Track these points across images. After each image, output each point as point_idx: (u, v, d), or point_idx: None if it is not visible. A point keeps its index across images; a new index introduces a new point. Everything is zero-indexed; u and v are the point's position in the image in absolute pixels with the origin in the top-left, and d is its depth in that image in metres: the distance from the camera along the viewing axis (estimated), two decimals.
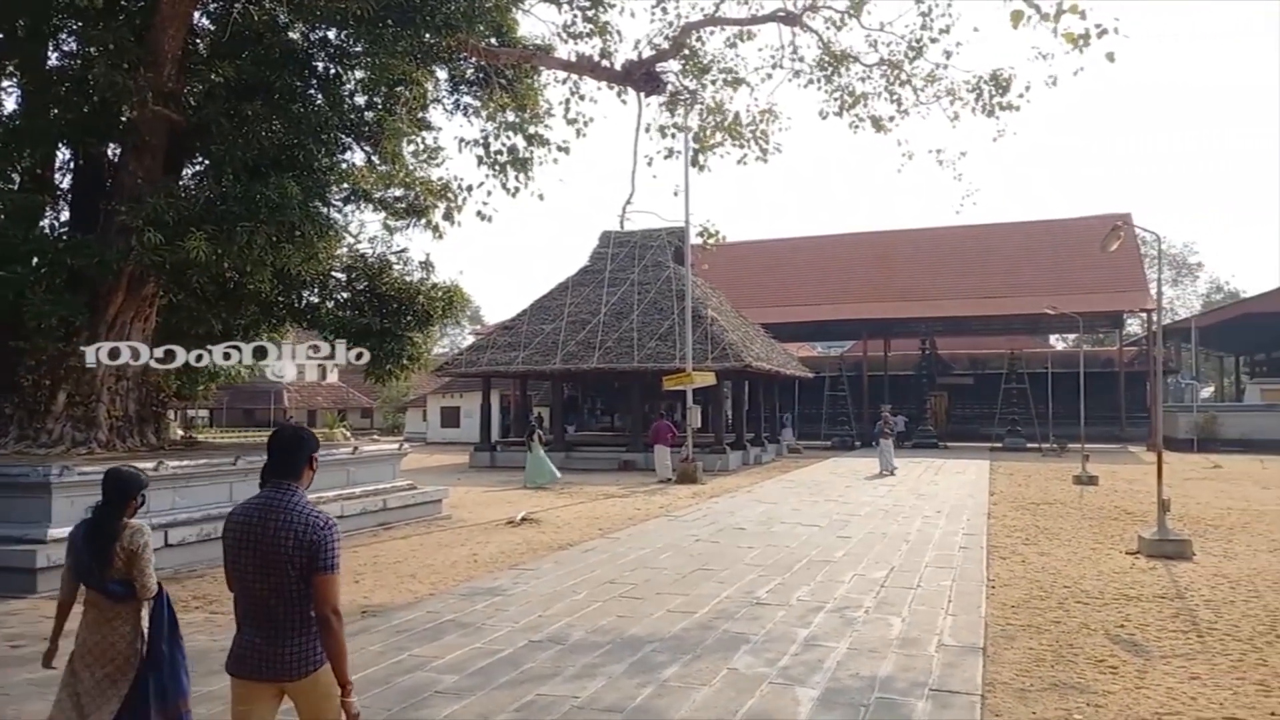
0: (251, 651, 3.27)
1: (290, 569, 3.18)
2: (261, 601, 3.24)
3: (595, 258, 28.36)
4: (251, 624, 3.29)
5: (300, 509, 3.23)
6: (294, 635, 3.22)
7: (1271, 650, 6.43)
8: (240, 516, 3.29)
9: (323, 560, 3.17)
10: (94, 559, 3.76)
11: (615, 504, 16.21)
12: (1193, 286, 69.33)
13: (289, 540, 3.17)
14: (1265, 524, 12.85)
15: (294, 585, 3.19)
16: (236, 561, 3.28)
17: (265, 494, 3.30)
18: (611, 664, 6.17)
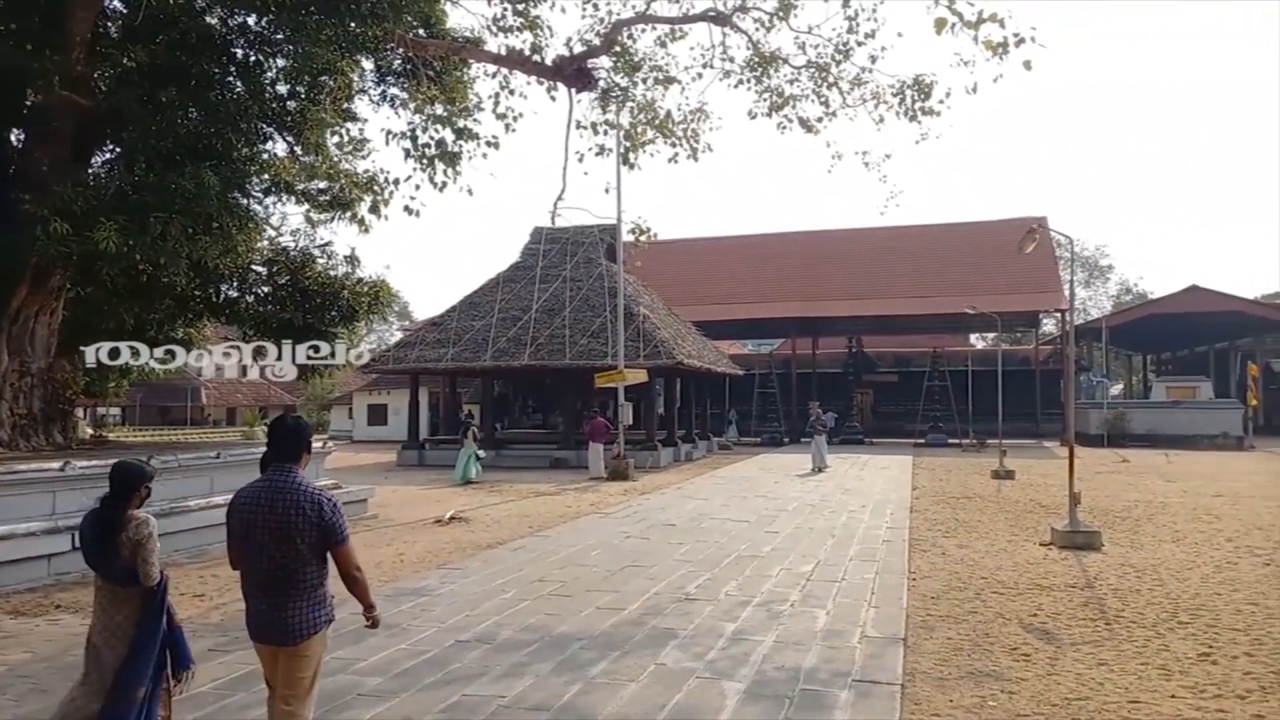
0: (260, 619, 3.75)
1: (300, 542, 3.64)
2: (268, 573, 3.69)
3: (527, 254, 28.15)
4: (258, 595, 3.75)
5: (306, 490, 3.70)
6: (295, 603, 3.68)
7: (1174, 636, 6.74)
8: (248, 498, 3.73)
9: (338, 536, 3.72)
10: (101, 548, 4.02)
11: (546, 502, 16.13)
12: (1104, 288, 72.38)
13: (299, 518, 3.63)
14: (1169, 515, 13.47)
15: (301, 557, 3.66)
16: (246, 538, 3.71)
17: (269, 477, 3.74)
18: (539, 663, 6.13)
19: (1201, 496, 16.00)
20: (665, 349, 23.45)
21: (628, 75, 12.57)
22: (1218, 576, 8.87)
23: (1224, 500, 15.40)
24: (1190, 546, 10.67)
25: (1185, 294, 38.31)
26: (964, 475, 20.73)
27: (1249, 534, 11.57)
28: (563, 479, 20.52)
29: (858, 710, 5.18)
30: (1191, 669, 5.91)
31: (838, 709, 5.20)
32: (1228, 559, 9.83)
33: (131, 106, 10.34)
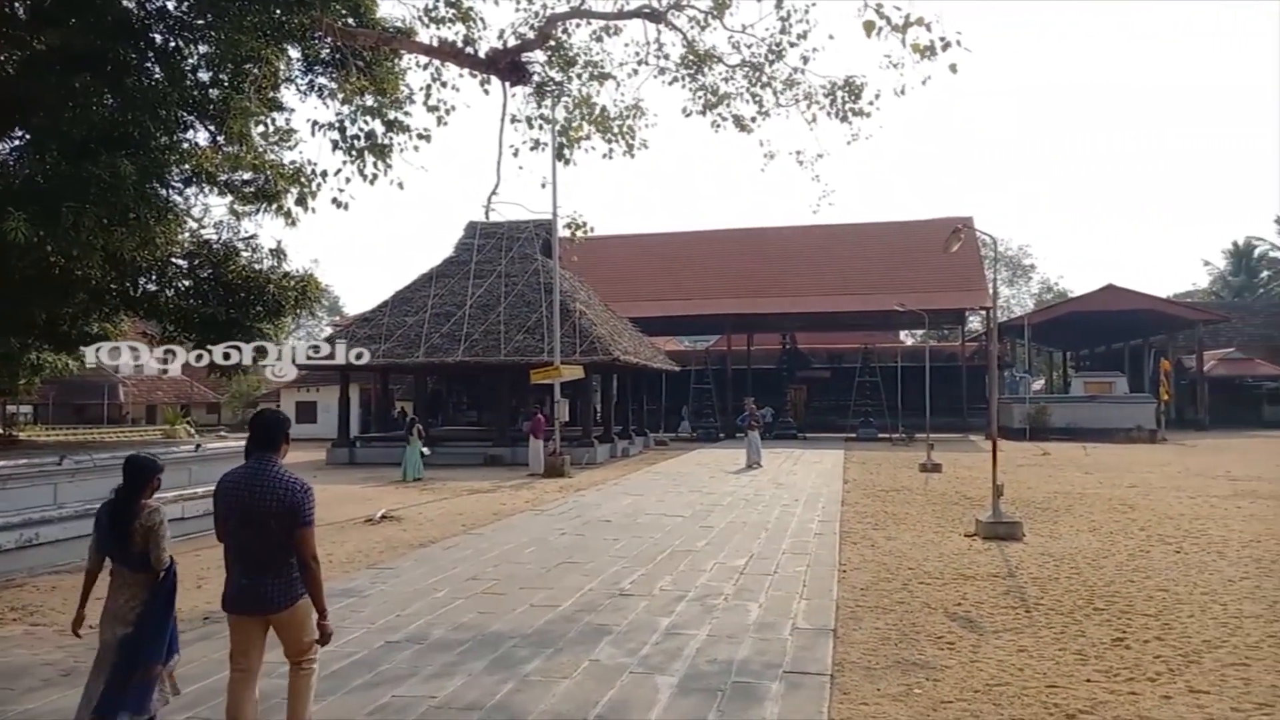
0: (240, 592, 4.16)
1: (272, 523, 4.05)
2: (248, 549, 4.13)
3: (461, 249, 27.82)
4: (239, 569, 4.17)
5: (281, 476, 4.14)
6: (273, 577, 4.12)
7: (1089, 622, 6.99)
8: (231, 482, 4.21)
9: (303, 517, 4.09)
10: (115, 535, 4.31)
11: (480, 499, 15.97)
12: (1027, 287, 74.63)
13: (272, 502, 4.06)
14: (1086, 506, 13.99)
15: (275, 536, 4.07)
16: (229, 518, 4.16)
17: (251, 464, 4.21)
18: (471, 661, 6.07)
19: (1116, 488, 16.65)
20: (602, 345, 23.43)
21: (563, 70, 12.47)
22: (1131, 565, 9.23)
23: (1137, 491, 16.06)
24: (1106, 536, 11.09)
25: (1102, 293, 39.84)
26: (893, 469, 21.19)
27: (1160, 523, 12.08)
28: (498, 476, 20.35)
29: (788, 701, 5.26)
30: (1106, 654, 6.15)
31: (769, 700, 5.26)
32: (1140, 548, 10.24)
33: (43, 92, 9.87)
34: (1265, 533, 11.16)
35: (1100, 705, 5.14)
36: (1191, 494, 15.49)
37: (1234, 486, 16.71)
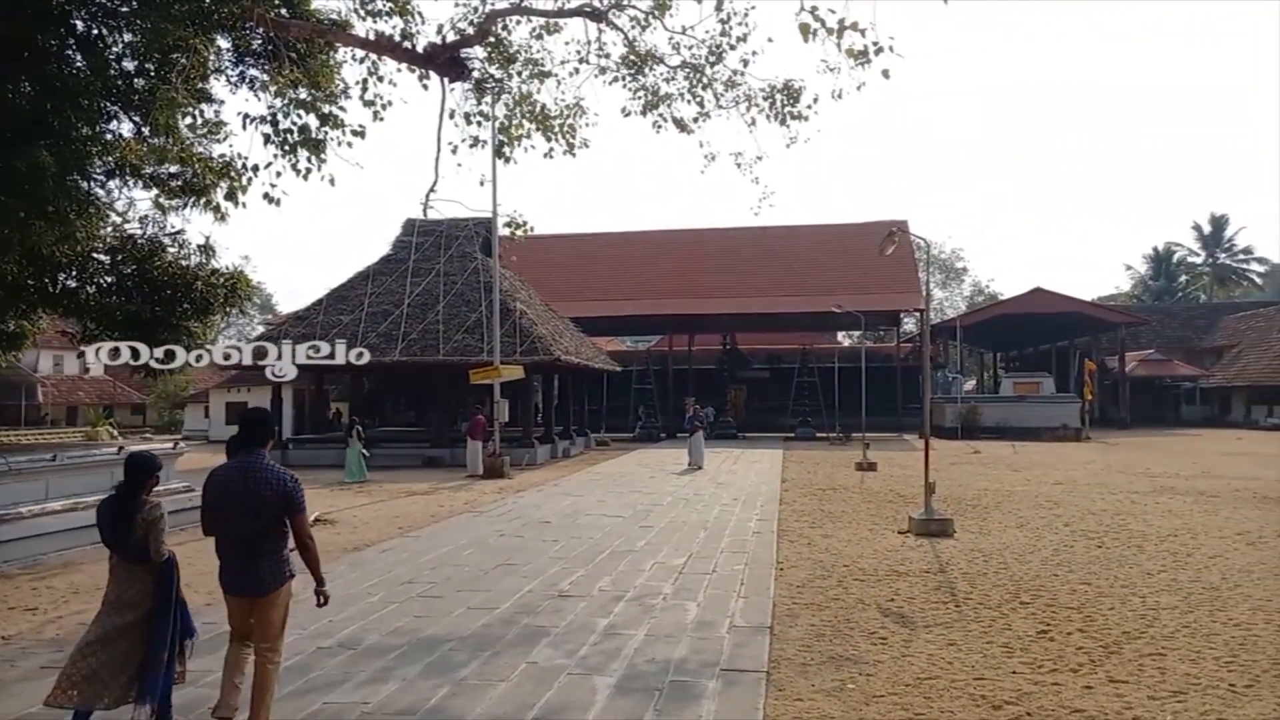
0: (236, 575, 4.60)
1: (268, 513, 4.50)
2: (243, 538, 4.53)
3: (398, 246, 27.36)
4: (235, 555, 4.58)
5: (274, 469, 4.58)
6: (264, 562, 4.55)
7: (1015, 616, 7.20)
8: (223, 476, 4.60)
9: (297, 506, 4.58)
10: (119, 528, 4.59)
11: (417, 501, 15.74)
12: (959, 289, 76.50)
13: (267, 491, 4.49)
14: (1014, 503, 14.40)
15: (269, 525, 4.52)
16: (221, 509, 4.58)
17: (242, 458, 4.60)
18: (406, 666, 5.98)
19: (1043, 485, 17.17)
20: (543, 345, 23.31)
21: (503, 67, 12.36)
22: (1056, 559, 9.53)
23: (1062, 488, 16.59)
24: (1032, 532, 11.43)
25: (1030, 295, 41.07)
26: (830, 468, 21.52)
27: (1084, 519, 12.50)
28: (436, 478, 20.09)
29: (724, 698, 5.29)
30: (1031, 646, 6.33)
31: (705, 698, 5.29)
32: (1065, 542, 10.58)
33: None
34: (1181, 527, 11.63)
35: (1025, 696, 5.29)
36: (1113, 490, 16.07)
37: (1153, 483, 17.38)
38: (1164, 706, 5.11)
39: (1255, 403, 45.04)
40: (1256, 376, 43.54)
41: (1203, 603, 7.53)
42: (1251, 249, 73.40)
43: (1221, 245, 72.24)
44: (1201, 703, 5.17)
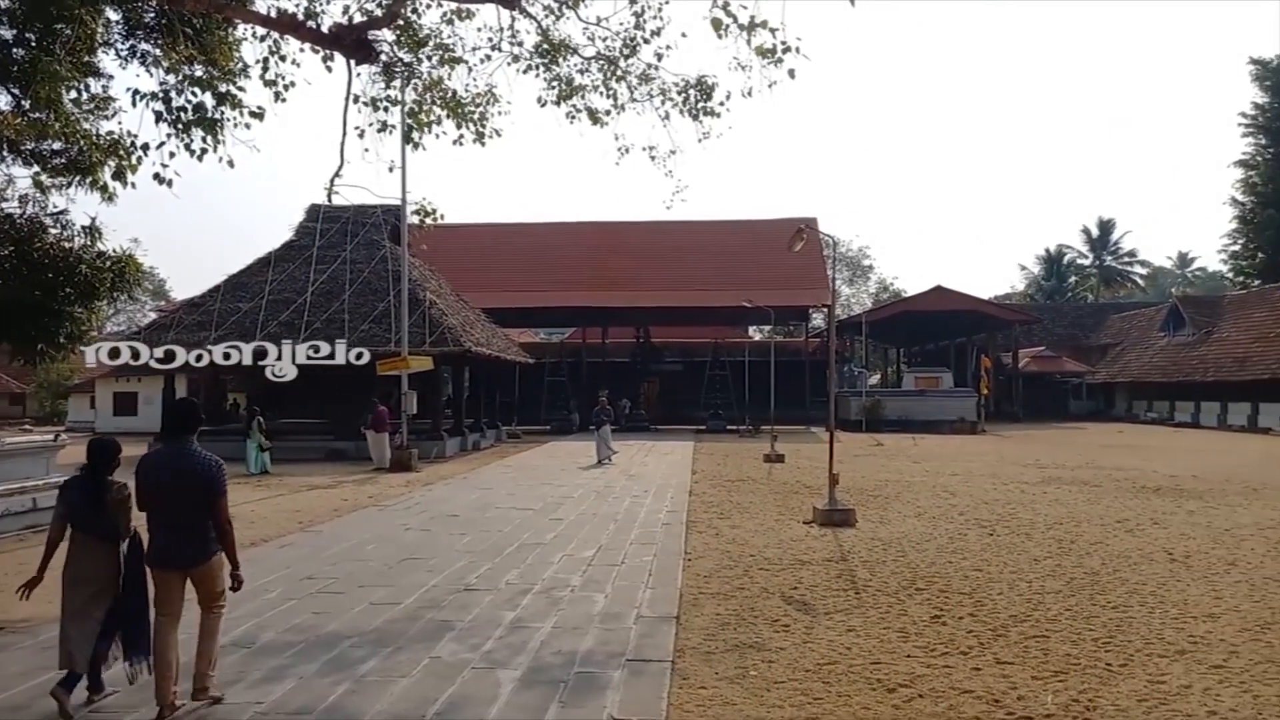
0: (165, 551, 4.98)
1: (195, 494, 4.93)
2: (174, 516, 4.95)
3: (302, 232, 26.44)
4: (165, 532, 4.97)
5: (201, 455, 5.01)
6: (194, 538, 4.97)
7: (911, 602, 7.45)
8: (155, 461, 5.02)
9: (218, 489, 4.98)
10: (89, 507, 4.99)
11: (320, 495, 15.30)
12: (865, 286, 78.73)
13: (194, 475, 4.93)
14: (913, 493, 14.90)
15: (197, 504, 4.95)
16: (156, 490, 4.94)
17: (171, 445, 5.05)
18: (304, 664, 5.80)
19: (941, 475, 17.83)
20: (453, 336, 22.93)
21: (412, 51, 12.05)
22: (950, 547, 9.91)
23: (959, 479, 17.26)
24: (929, 521, 11.86)
25: (932, 293, 42.54)
26: (740, 460, 21.85)
27: (977, 508, 13.03)
28: (340, 471, 19.57)
29: (629, 689, 5.32)
30: (925, 630, 6.57)
31: (610, 689, 5.30)
32: (959, 531, 11.01)
33: None
34: (1066, 516, 12.25)
35: (918, 679, 5.48)
36: (1005, 481, 16.80)
37: (1042, 473, 18.25)
38: (1046, 685, 5.37)
39: (1136, 398, 47.80)
40: (1137, 373, 46.18)
41: (1084, 587, 7.94)
42: (1135, 252, 77.95)
43: (1108, 248, 76.33)
44: (1080, 681, 5.45)
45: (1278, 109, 53.65)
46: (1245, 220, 55.97)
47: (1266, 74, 54.32)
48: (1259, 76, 54.71)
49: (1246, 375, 37.23)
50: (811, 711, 4.98)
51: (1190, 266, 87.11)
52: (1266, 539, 10.39)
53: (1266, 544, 10.07)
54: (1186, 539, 10.39)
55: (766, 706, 5.05)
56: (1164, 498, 14.23)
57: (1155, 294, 72.43)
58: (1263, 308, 41.24)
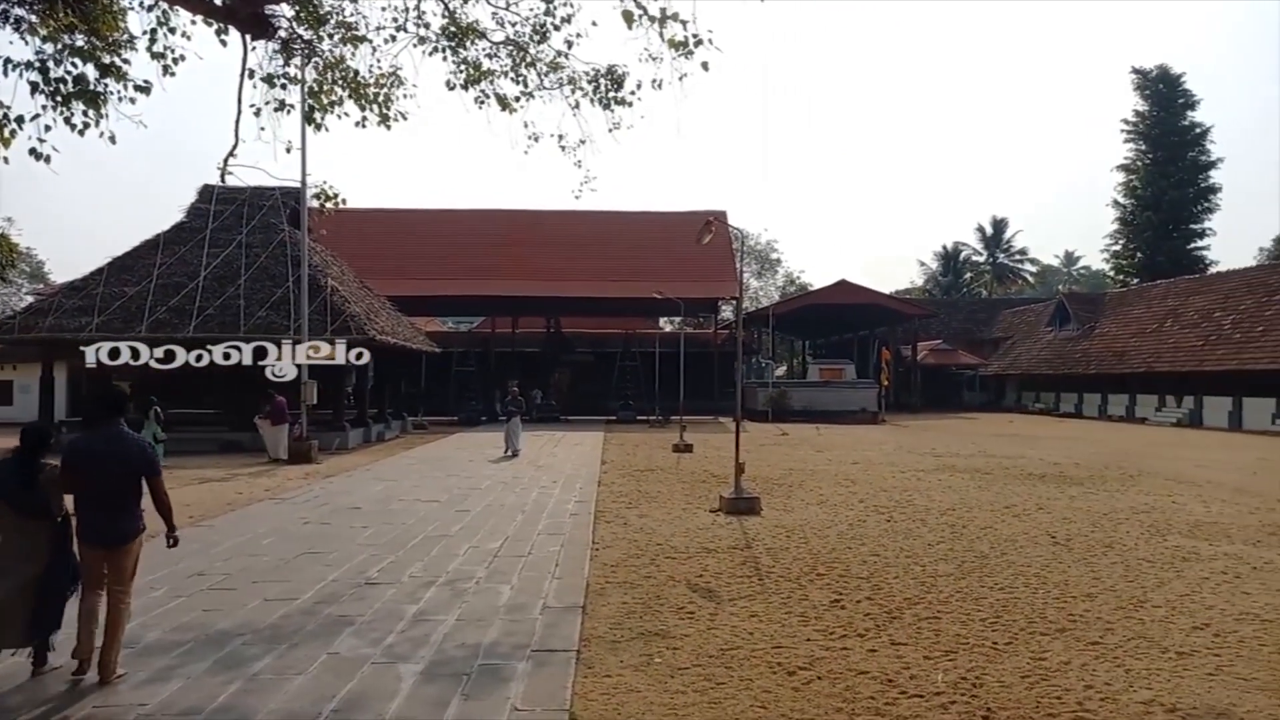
0: (95, 528, 5.29)
1: (128, 475, 5.31)
2: (107, 496, 5.27)
3: (194, 214, 25.18)
4: (96, 511, 5.28)
5: (133, 438, 5.43)
6: (123, 517, 5.33)
7: (813, 586, 7.64)
8: (86, 444, 5.36)
9: (154, 469, 5.44)
10: (22, 488, 5.24)
11: (212, 489, 14.67)
12: (773, 279, 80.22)
13: (128, 457, 5.31)
14: (816, 481, 15.28)
15: (128, 485, 5.32)
16: (89, 472, 5.25)
17: (105, 430, 5.37)
18: (193, 663, 5.56)
19: (842, 464, 18.33)
20: (356, 324, 22.30)
21: (313, 28, 11.62)
22: (850, 533, 10.20)
23: (859, 467, 17.78)
24: (831, 508, 12.17)
25: (836, 287, 43.61)
26: (649, 450, 21.98)
27: (876, 495, 13.45)
28: (235, 463, 18.82)
29: (534, 679, 5.29)
30: (825, 614, 6.74)
31: (514, 680, 5.26)
32: (859, 518, 11.34)
33: None
34: (959, 502, 12.76)
35: (817, 661, 5.62)
36: (903, 469, 17.39)
37: (937, 462, 18.96)
38: (937, 665, 5.59)
39: (1025, 389, 50.15)
40: (1027, 366, 48.44)
41: (973, 570, 8.29)
42: (1026, 250, 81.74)
43: (1001, 246, 79.76)
44: (968, 660, 5.68)
45: (1157, 117, 57.03)
46: (1126, 222, 59.40)
47: (1147, 83, 57.69)
48: (1140, 86, 58.06)
49: (1125, 368, 39.50)
50: (714, 696, 5.05)
51: (1076, 265, 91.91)
52: (1140, 522, 11.06)
53: (1140, 527, 10.72)
54: (1068, 523, 10.96)
55: (670, 693, 5.10)
56: (1049, 484, 14.98)
57: (1044, 290, 76.24)
58: (1140, 305, 43.81)
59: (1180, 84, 56.84)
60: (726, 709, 4.88)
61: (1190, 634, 6.27)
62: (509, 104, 12.58)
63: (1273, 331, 32.30)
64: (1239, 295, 36.59)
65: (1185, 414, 36.02)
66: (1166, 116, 56.61)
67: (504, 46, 12.27)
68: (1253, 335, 33.23)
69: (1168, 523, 11.02)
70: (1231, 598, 7.31)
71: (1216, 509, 12.25)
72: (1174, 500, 13.09)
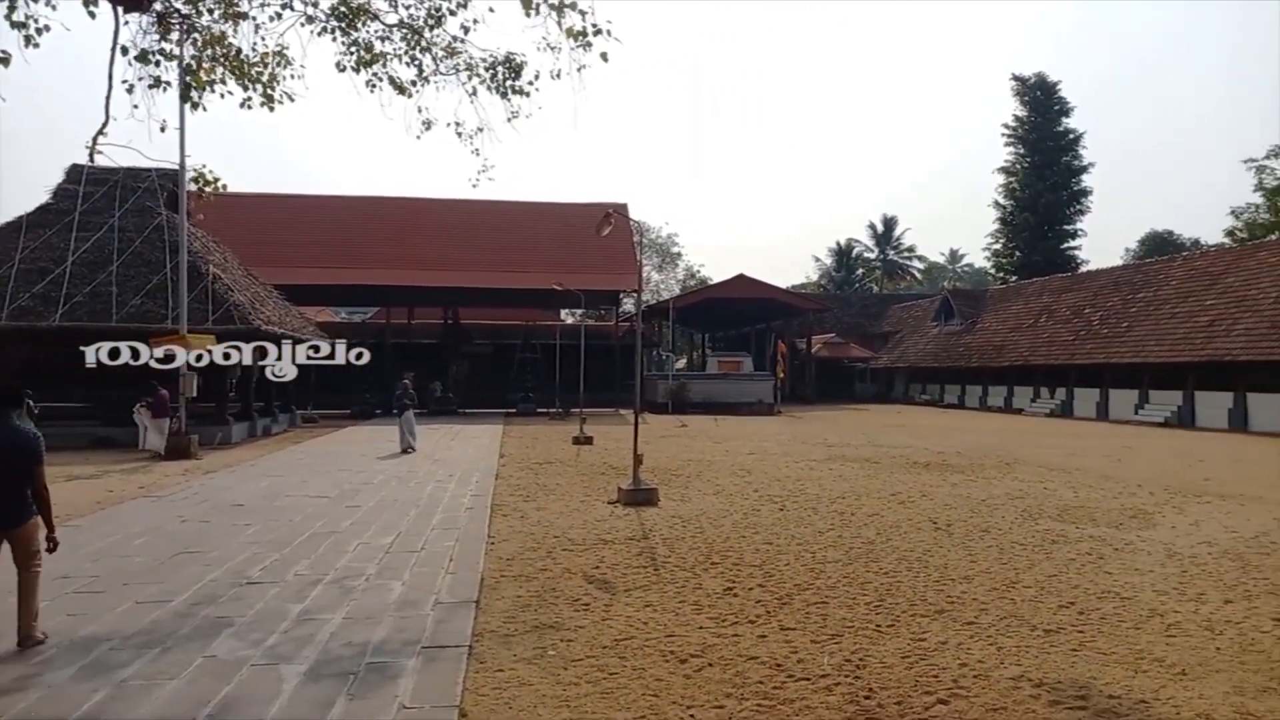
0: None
1: (20, 462, 5.64)
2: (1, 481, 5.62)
3: (61, 195, 23.58)
4: None
5: (22, 427, 5.74)
6: (13, 502, 5.67)
7: (707, 575, 7.74)
8: None
9: (38, 458, 5.72)
10: None
11: (80, 487, 13.82)
12: (674, 273, 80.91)
13: (20, 445, 5.65)
14: (713, 472, 15.51)
15: (20, 472, 5.64)
16: None
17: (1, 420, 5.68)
18: (54, 671, 5.23)
19: (739, 455, 18.67)
20: (240, 313, 21.36)
21: (190, 2, 11.04)
22: (745, 522, 10.39)
23: (755, 457, 18.14)
24: (726, 498, 12.38)
25: (735, 281, 44.31)
26: (549, 442, 21.87)
27: (770, 485, 13.74)
28: (107, 459, 17.78)
29: (424, 675, 5.18)
30: (718, 602, 6.84)
31: (403, 677, 5.14)
32: (753, 507, 11.56)
33: None
34: (849, 490, 13.17)
35: (709, 649, 5.70)
36: (796, 459, 17.83)
37: (829, 451, 19.53)
38: (823, 648, 5.75)
39: (913, 381, 52.20)
40: (914, 359, 50.40)
41: (860, 556, 8.57)
42: (914, 248, 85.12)
43: (891, 243, 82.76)
44: (853, 643, 5.87)
45: (1034, 122, 60.18)
46: (1005, 222, 62.51)
47: (1026, 90, 60.78)
48: (1019, 92, 61.13)
49: (1003, 362, 41.57)
50: (606, 687, 5.06)
51: (960, 262, 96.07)
52: (1015, 507, 11.65)
53: (1015, 512, 11.29)
54: (949, 509, 11.46)
55: (563, 684, 5.08)
56: (932, 472, 15.63)
57: (930, 286, 79.41)
58: (1018, 301, 46.15)
59: (1056, 91, 60.18)
60: (618, 699, 4.89)
61: (1057, 612, 6.65)
62: (403, 88, 12.24)
63: (1136, 327, 34.56)
64: (1106, 293, 38.99)
65: (1057, 405, 38.17)
66: (1043, 122, 59.84)
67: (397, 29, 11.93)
68: (1118, 331, 35.47)
69: (1039, 507, 11.66)
70: (1095, 577, 7.78)
71: (1083, 494, 13.03)
72: (1046, 486, 13.85)
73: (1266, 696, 5.01)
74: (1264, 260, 31.37)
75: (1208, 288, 32.78)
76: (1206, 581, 7.67)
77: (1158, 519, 10.91)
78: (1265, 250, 32.49)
